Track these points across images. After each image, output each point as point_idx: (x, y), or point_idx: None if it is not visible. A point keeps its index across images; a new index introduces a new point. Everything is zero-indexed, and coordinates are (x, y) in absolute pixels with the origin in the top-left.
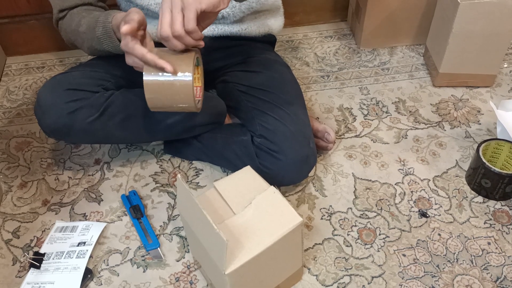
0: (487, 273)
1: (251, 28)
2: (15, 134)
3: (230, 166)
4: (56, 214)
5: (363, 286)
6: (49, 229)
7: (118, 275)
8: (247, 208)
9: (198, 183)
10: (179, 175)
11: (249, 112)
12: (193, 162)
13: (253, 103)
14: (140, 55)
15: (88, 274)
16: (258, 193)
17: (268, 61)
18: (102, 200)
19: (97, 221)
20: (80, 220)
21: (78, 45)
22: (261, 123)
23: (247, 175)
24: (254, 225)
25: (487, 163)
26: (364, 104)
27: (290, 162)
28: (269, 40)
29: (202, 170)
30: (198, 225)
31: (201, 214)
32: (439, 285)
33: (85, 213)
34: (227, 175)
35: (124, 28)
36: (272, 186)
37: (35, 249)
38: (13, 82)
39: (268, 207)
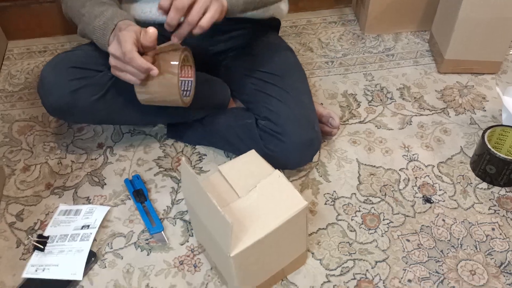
0: (491, 259)
1: (256, 11)
2: (18, 118)
3: (234, 149)
4: (59, 197)
5: (367, 270)
6: (52, 212)
7: (122, 258)
8: (252, 192)
9: (202, 167)
10: (183, 159)
11: (253, 95)
12: (196, 147)
13: (257, 86)
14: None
15: (92, 257)
16: (263, 176)
17: (272, 44)
18: (106, 184)
19: (101, 204)
20: (83, 203)
21: (75, 22)
22: (265, 106)
23: (252, 159)
24: (259, 208)
25: (492, 149)
26: (369, 90)
27: (294, 144)
28: (273, 24)
29: (205, 155)
30: (203, 209)
31: (206, 197)
32: (442, 270)
33: (88, 197)
34: (230, 159)
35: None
36: (277, 170)
37: (39, 232)
38: (15, 66)
39: (273, 190)
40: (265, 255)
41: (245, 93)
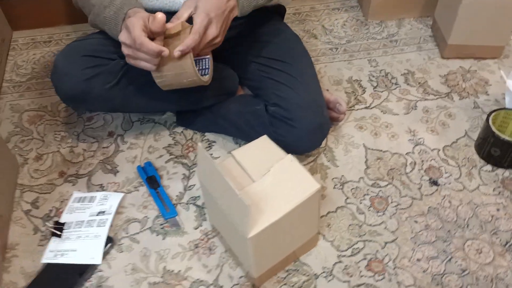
0: (496, 238)
1: None
2: (27, 107)
3: (243, 136)
4: (73, 185)
5: (377, 251)
6: (67, 199)
7: (139, 243)
8: (266, 176)
9: (212, 154)
10: (200, 144)
11: (262, 81)
12: (206, 134)
13: (266, 73)
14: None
15: (109, 242)
16: (275, 161)
17: (278, 31)
18: (118, 172)
19: (114, 191)
20: (97, 191)
21: (85, 12)
22: (274, 92)
23: (264, 144)
24: (273, 191)
25: (497, 132)
26: (373, 76)
27: (304, 130)
28: (278, 11)
29: (215, 142)
30: (219, 192)
31: (222, 180)
32: (450, 249)
33: (102, 184)
34: (239, 146)
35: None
36: (289, 155)
37: (55, 219)
38: (21, 57)
39: (286, 174)
40: (279, 237)
41: (253, 80)
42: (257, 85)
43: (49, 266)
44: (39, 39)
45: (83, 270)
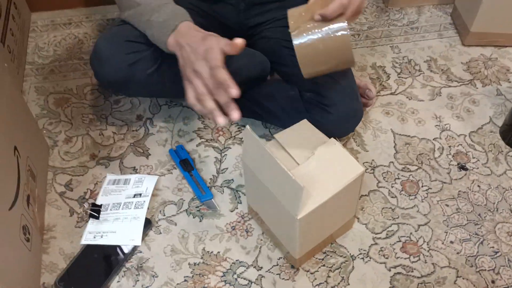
0: None
1: None
2: (52, 90)
3: (276, 121)
4: (106, 167)
5: (411, 233)
6: (101, 182)
7: (176, 225)
8: (310, 159)
9: (242, 138)
10: (248, 126)
11: (296, 67)
12: None
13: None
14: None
15: (147, 224)
16: (318, 144)
17: None
18: (150, 155)
19: (148, 174)
20: (130, 173)
21: (120, 4)
22: (312, 80)
23: (305, 128)
24: (318, 174)
25: None
26: (397, 63)
27: (341, 115)
28: None
29: (244, 126)
30: (267, 174)
31: (272, 162)
32: (482, 232)
33: (134, 167)
34: (269, 130)
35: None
36: (332, 138)
37: (90, 201)
38: (41, 39)
39: (330, 157)
40: (323, 219)
41: (286, 66)
42: (290, 71)
43: (89, 247)
44: (58, 21)
45: (124, 252)
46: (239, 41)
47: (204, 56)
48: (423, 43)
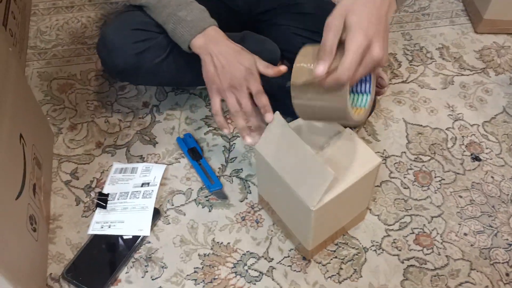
0: None
1: None
2: (55, 76)
3: (286, 110)
4: (112, 156)
5: (424, 225)
6: (107, 170)
7: (185, 215)
8: (326, 149)
9: (251, 126)
10: (278, 112)
11: None
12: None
13: None
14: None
15: (156, 214)
16: (334, 134)
17: (320, 2)
18: (157, 143)
19: (155, 163)
20: (137, 162)
21: None
22: None
23: None
24: (333, 164)
25: None
26: (408, 50)
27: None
28: None
29: None
30: (285, 162)
31: (299, 148)
32: (496, 224)
33: (141, 155)
34: None
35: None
36: (347, 128)
37: (97, 189)
38: (43, 22)
39: (346, 147)
40: (337, 210)
41: (296, 53)
42: None
43: (96, 238)
44: (60, 4)
45: (132, 242)
46: (284, 69)
47: (245, 76)
48: (435, 30)
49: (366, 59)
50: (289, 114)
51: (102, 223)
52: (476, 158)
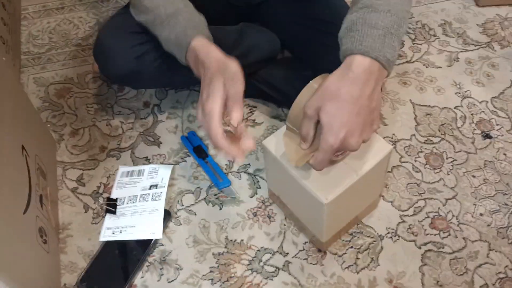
0: None
1: None
2: (52, 80)
3: (288, 102)
4: (117, 159)
5: (439, 208)
6: (113, 174)
7: (196, 214)
8: None
9: (254, 120)
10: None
11: (308, 45)
12: (245, 99)
13: (313, 37)
14: (213, 135)
15: (166, 215)
16: None
17: None
18: (161, 143)
19: (161, 163)
20: (143, 164)
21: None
22: (324, 56)
23: None
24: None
25: None
26: (410, 28)
27: None
28: None
29: (255, 107)
30: None
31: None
32: (511, 201)
33: (147, 157)
34: (282, 110)
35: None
36: None
37: (105, 195)
38: (35, 26)
39: None
40: (350, 200)
41: (297, 43)
42: (303, 50)
43: (108, 244)
44: (50, 6)
45: (146, 246)
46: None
47: (206, 117)
48: (436, 6)
49: (340, 148)
50: (291, 105)
51: (113, 229)
52: (487, 136)
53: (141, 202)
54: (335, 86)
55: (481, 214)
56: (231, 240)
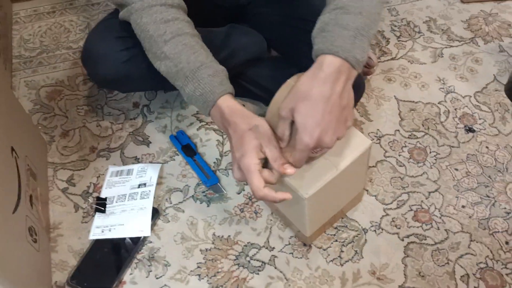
0: None
1: None
2: (43, 83)
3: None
4: (107, 159)
5: (422, 201)
6: (103, 174)
7: (184, 212)
8: None
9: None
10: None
11: (295, 45)
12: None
13: (299, 36)
14: (256, 190)
15: (155, 213)
16: None
17: None
18: (151, 142)
19: (150, 162)
20: (132, 163)
21: (143, 42)
22: (310, 56)
23: None
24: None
25: None
26: (395, 26)
27: None
28: None
29: (244, 106)
30: None
31: None
32: (493, 193)
33: (136, 156)
34: None
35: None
36: None
37: (94, 194)
38: (26, 30)
39: None
40: (332, 195)
41: (285, 44)
42: (289, 49)
43: (98, 242)
44: (41, 10)
45: (134, 244)
46: (289, 171)
47: (246, 174)
48: (421, 3)
49: (316, 146)
50: None
51: (102, 228)
52: (470, 130)
53: (129, 201)
54: (306, 86)
55: (463, 206)
56: (218, 236)
